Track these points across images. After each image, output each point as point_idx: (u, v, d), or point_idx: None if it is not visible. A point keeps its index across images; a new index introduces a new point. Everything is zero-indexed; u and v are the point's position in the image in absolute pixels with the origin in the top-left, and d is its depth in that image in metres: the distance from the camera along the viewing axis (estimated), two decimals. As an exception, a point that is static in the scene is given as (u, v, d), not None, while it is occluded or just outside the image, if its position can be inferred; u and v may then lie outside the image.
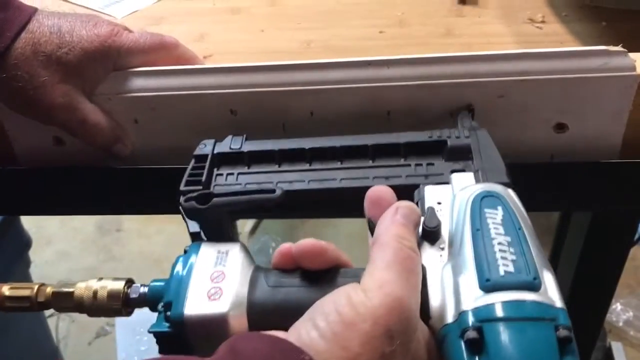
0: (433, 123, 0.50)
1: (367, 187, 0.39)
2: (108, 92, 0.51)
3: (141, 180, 0.53)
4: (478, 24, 0.64)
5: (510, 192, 0.37)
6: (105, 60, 0.50)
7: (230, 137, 0.46)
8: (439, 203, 0.39)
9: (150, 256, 1.85)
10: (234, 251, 0.38)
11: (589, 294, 0.73)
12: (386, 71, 0.50)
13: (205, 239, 0.40)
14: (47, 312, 1.64)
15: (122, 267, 1.82)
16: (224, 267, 0.37)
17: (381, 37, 0.63)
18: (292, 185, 0.42)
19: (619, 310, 1.58)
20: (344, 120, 0.51)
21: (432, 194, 0.40)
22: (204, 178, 0.43)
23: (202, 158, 0.45)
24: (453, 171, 0.42)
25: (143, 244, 1.88)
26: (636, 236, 1.16)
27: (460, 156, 0.43)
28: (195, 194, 0.40)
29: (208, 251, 0.38)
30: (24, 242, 1.19)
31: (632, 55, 0.48)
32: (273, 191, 0.40)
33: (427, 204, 0.39)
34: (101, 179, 0.53)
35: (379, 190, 0.38)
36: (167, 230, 1.89)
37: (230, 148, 0.45)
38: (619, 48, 0.48)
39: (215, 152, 0.45)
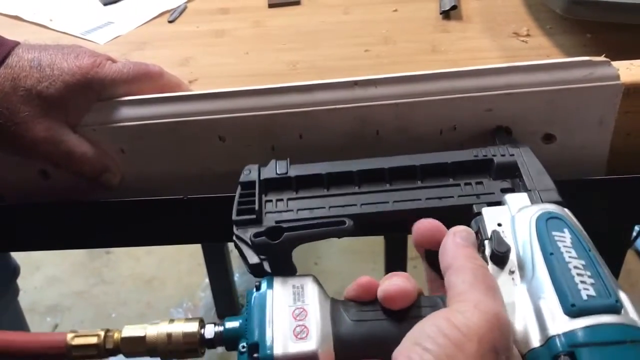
0: (422, 140, 0.50)
1: (421, 209, 0.41)
2: (93, 122, 0.50)
3: (129, 213, 0.52)
4: (463, 39, 0.64)
5: (568, 211, 0.38)
6: (87, 92, 0.49)
7: (273, 161, 0.45)
8: (499, 225, 0.39)
9: (141, 277, 1.83)
10: (309, 286, 0.37)
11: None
12: (373, 90, 0.50)
13: (269, 270, 0.39)
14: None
15: (113, 290, 1.80)
16: (303, 303, 0.36)
17: (367, 55, 0.63)
18: (345, 210, 0.42)
19: (612, 314, 1.58)
20: (333, 141, 0.51)
21: (491, 216, 0.40)
22: (256, 206, 0.42)
23: (249, 185, 0.44)
24: (503, 190, 0.43)
25: (133, 265, 1.86)
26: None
27: (508, 174, 0.44)
28: (264, 229, 0.40)
29: (283, 286, 0.37)
30: (11, 271, 1.18)
31: (615, 64, 0.49)
32: (343, 223, 0.40)
33: (488, 226, 0.39)
34: (89, 213, 0.52)
35: (429, 223, 0.39)
36: (157, 251, 1.88)
37: (277, 173, 0.45)
38: (602, 58, 0.49)
39: (261, 177, 0.44)
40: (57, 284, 1.83)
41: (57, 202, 0.52)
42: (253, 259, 0.39)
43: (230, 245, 1.86)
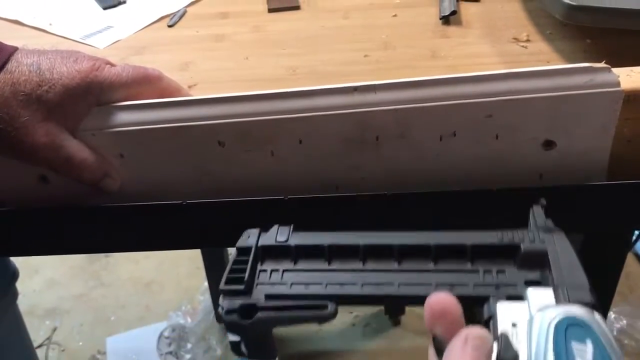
0: (422, 146, 0.50)
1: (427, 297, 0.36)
2: (92, 127, 0.50)
3: (129, 218, 0.52)
4: (463, 45, 0.64)
5: (597, 316, 0.33)
6: (87, 96, 0.49)
7: (276, 227, 0.42)
8: (514, 325, 0.34)
9: (140, 281, 1.83)
10: None
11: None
12: (373, 96, 0.49)
13: (244, 351, 0.37)
14: (36, 342, 1.61)
15: (112, 293, 1.80)
16: None
17: (366, 60, 0.63)
18: (343, 289, 0.39)
19: (612, 319, 1.58)
20: (333, 146, 0.51)
21: (505, 313, 0.35)
22: (246, 276, 0.39)
23: (244, 251, 0.41)
24: (527, 282, 0.37)
25: (132, 269, 1.86)
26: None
27: (536, 264, 0.38)
28: (236, 306, 0.37)
29: None
30: (10, 275, 1.17)
31: (615, 70, 0.49)
32: (325, 307, 0.37)
33: (500, 325, 0.34)
34: (88, 218, 0.52)
35: (443, 301, 0.35)
36: (156, 254, 1.87)
37: (276, 241, 0.41)
38: (603, 65, 0.49)
39: (259, 244, 0.41)
40: (56, 287, 1.83)
41: (56, 207, 0.52)
42: (232, 336, 0.37)
43: (230, 249, 1.86)
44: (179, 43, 0.70)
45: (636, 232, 1.22)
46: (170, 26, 0.74)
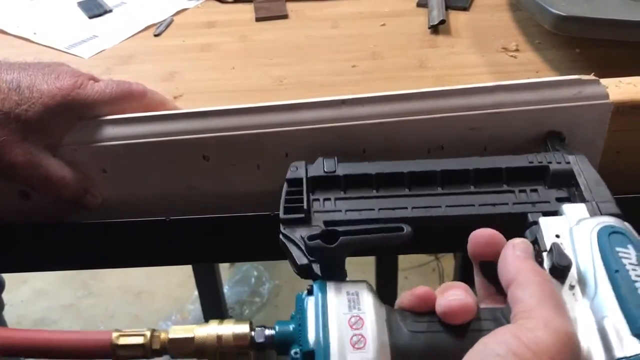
0: (409, 159, 0.50)
1: (474, 215, 0.40)
2: (73, 142, 0.49)
3: (111, 235, 0.51)
4: (451, 55, 0.63)
5: (629, 226, 0.37)
6: (68, 114, 0.48)
7: (321, 159, 0.45)
8: (557, 236, 0.37)
9: (130, 290, 1.81)
10: (364, 293, 0.36)
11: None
12: (360, 109, 0.49)
13: (319, 273, 0.37)
14: (25, 354, 1.59)
15: (102, 302, 1.78)
16: (359, 311, 0.35)
17: (354, 71, 0.62)
18: (395, 213, 0.41)
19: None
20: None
21: (548, 226, 0.38)
22: (305, 204, 0.41)
23: (295, 182, 0.43)
24: (559, 199, 0.41)
25: (122, 278, 1.84)
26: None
27: (564, 183, 0.42)
28: (319, 232, 0.37)
29: (336, 292, 0.36)
30: (-3, 286, 1.16)
31: (604, 81, 0.48)
32: (401, 229, 0.38)
33: (546, 237, 0.37)
34: (69, 234, 0.51)
35: (488, 234, 0.38)
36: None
37: (325, 171, 0.44)
38: (591, 77, 0.48)
39: (309, 175, 0.44)
40: (44, 297, 1.81)
41: (37, 224, 0.51)
42: (302, 260, 0.38)
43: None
44: (165, 53, 0.69)
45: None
46: (156, 35, 0.73)
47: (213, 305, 1.58)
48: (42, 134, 0.47)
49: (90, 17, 0.78)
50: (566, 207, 0.39)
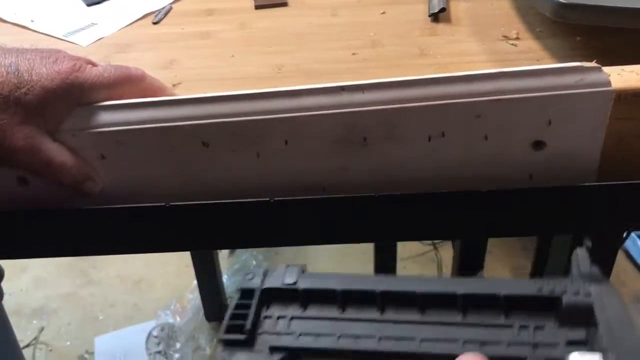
0: (410, 147, 0.49)
1: (456, 355, 0.32)
2: (72, 127, 0.48)
3: (110, 221, 0.51)
4: (452, 43, 0.63)
5: None
6: (67, 98, 0.47)
7: (284, 266, 0.39)
8: None
9: (129, 278, 1.81)
10: None
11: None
12: (360, 96, 0.49)
13: None
14: (23, 343, 1.60)
15: (101, 291, 1.78)
16: None
17: (354, 59, 0.62)
18: (357, 344, 0.34)
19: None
20: (319, 147, 0.50)
21: None
22: (249, 324, 0.35)
23: (247, 294, 0.37)
24: (570, 343, 0.32)
25: (121, 267, 1.85)
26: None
27: (580, 321, 0.33)
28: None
29: None
30: (-4, 275, 1.16)
31: (606, 69, 0.48)
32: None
33: None
34: (68, 221, 0.51)
35: None
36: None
37: (283, 283, 0.37)
38: (593, 64, 0.48)
39: (264, 286, 0.37)
40: (43, 285, 1.81)
41: (35, 210, 0.51)
42: None
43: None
44: (163, 40, 0.68)
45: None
46: (155, 23, 0.72)
47: (212, 294, 1.59)
48: (42, 118, 0.47)
49: (89, 5, 0.78)
50: (575, 358, 0.31)
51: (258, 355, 0.34)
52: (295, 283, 0.37)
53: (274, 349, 0.34)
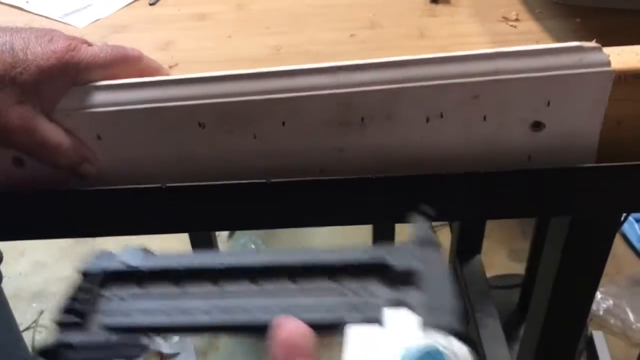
0: (408, 127, 0.49)
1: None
2: (67, 107, 0.48)
3: (106, 202, 0.51)
4: (451, 24, 0.62)
5: (458, 348, 0.30)
6: (63, 77, 0.47)
7: (126, 246, 0.39)
8: (365, 350, 0.31)
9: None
10: None
11: (571, 295, 0.73)
12: (358, 76, 0.48)
13: None
14: (22, 326, 1.60)
15: (99, 275, 1.79)
16: None
17: (352, 40, 0.61)
18: (192, 318, 0.35)
19: (598, 299, 1.59)
20: (316, 128, 0.49)
21: (356, 339, 0.32)
22: (84, 305, 0.35)
23: (87, 276, 0.37)
24: (392, 303, 0.34)
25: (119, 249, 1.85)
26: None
27: (404, 282, 0.34)
28: (46, 347, 0.33)
29: None
30: (-6, 258, 1.16)
31: (606, 50, 0.48)
32: (145, 347, 0.34)
33: (350, 350, 0.31)
34: (65, 202, 0.51)
35: (296, 333, 0.31)
36: (143, 236, 1.86)
37: (123, 264, 0.38)
38: (593, 44, 0.48)
39: (104, 268, 0.37)
40: (42, 269, 1.82)
41: (31, 192, 0.50)
42: None
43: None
44: (160, 22, 0.68)
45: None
46: (151, 4, 0.72)
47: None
48: (37, 97, 0.46)
49: (85, -15, 0.77)
50: (389, 315, 0.32)
51: (92, 335, 0.34)
52: (134, 264, 0.38)
53: (108, 328, 0.35)
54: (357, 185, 0.50)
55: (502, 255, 1.84)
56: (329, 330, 0.33)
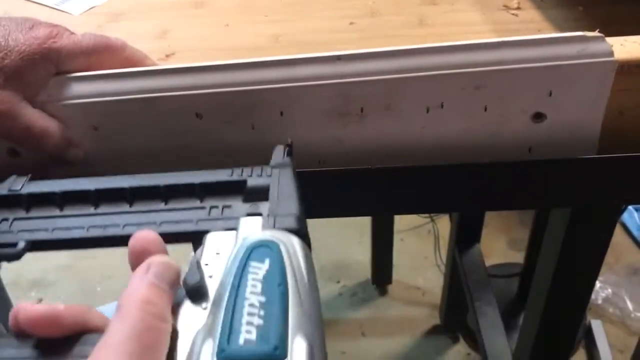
0: (408, 118, 0.49)
1: (161, 234, 0.35)
2: (63, 97, 0.48)
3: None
4: (452, 12, 0.62)
5: (295, 240, 0.34)
6: (45, 63, 0.47)
7: (13, 177, 0.42)
8: (218, 253, 0.34)
9: (126, 251, 1.81)
10: None
11: (570, 285, 0.73)
12: (357, 65, 0.48)
13: None
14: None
15: (99, 263, 1.79)
16: None
17: (352, 28, 0.60)
18: (70, 233, 0.38)
19: (597, 288, 1.60)
20: (315, 118, 0.49)
21: (213, 243, 0.35)
22: None
23: None
24: (248, 215, 0.38)
25: (118, 239, 1.85)
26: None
27: (259, 197, 0.39)
28: None
29: None
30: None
31: (609, 40, 0.47)
32: (14, 245, 0.37)
33: (206, 255, 0.34)
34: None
35: (145, 240, 0.33)
36: (143, 225, 1.86)
37: (9, 190, 0.41)
38: (596, 34, 0.47)
39: None
40: (40, 258, 1.80)
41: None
42: None
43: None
44: (156, 10, 0.67)
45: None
46: (148, -9, 0.71)
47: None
48: (20, 83, 0.46)
49: (81, -28, 0.76)
50: (242, 222, 0.37)
51: None
52: (19, 189, 0.41)
53: None
54: (356, 176, 0.50)
55: (501, 244, 1.84)
56: (197, 239, 0.37)
